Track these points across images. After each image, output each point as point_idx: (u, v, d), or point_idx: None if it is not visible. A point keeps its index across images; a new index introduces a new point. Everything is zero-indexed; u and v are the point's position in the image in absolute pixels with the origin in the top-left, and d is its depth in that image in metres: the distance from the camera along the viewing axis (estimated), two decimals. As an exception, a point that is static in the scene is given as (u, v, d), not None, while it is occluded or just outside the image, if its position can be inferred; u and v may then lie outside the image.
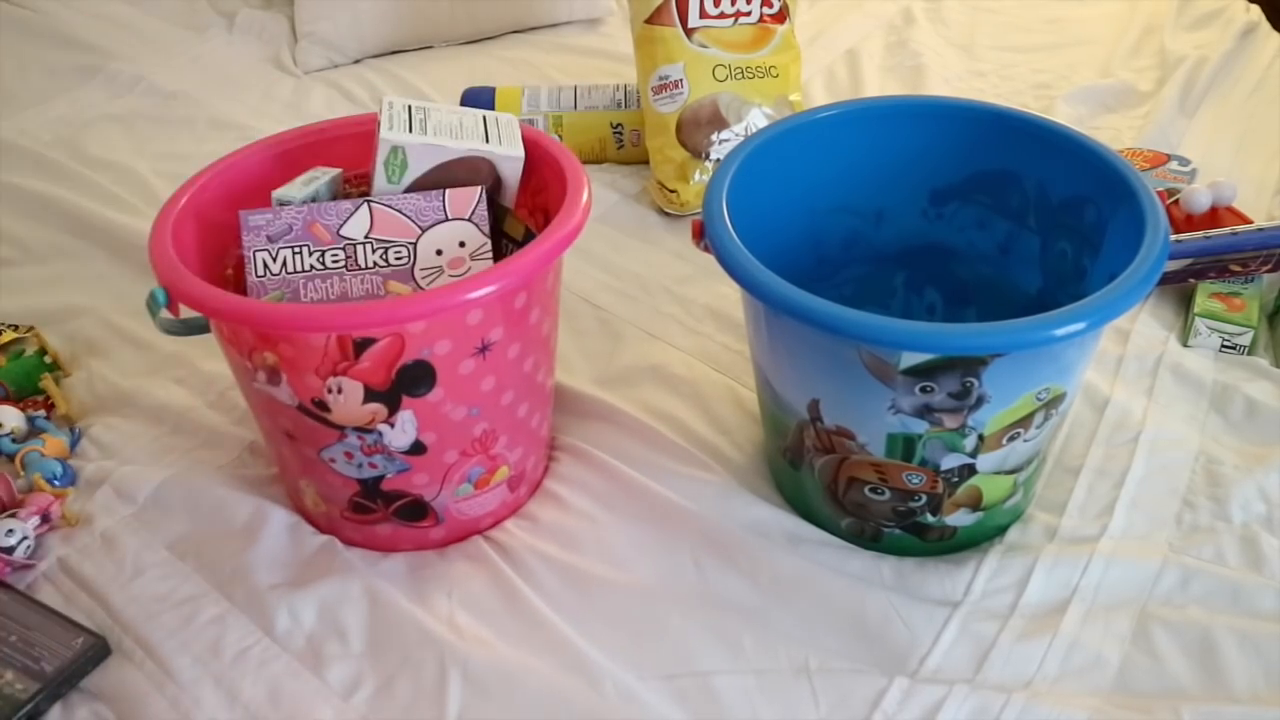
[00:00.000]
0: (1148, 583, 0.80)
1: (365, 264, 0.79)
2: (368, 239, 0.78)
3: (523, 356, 0.78)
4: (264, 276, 0.78)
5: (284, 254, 0.78)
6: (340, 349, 0.70)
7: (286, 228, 0.78)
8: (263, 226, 0.78)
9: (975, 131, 0.89)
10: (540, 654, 0.76)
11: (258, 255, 0.77)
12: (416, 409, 0.74)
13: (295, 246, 0.78)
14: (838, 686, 0.74)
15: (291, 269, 0.78)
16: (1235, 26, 1.55)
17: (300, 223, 0.78)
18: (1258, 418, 0.93)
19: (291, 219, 0.78)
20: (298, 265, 0.78)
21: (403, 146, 0.78)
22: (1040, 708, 0.71)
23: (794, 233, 0.90)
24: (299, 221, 0.78)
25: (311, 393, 0.73)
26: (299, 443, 0.78)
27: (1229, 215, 1.10)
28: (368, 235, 0.78)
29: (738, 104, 1.22)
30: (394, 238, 0.78)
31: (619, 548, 0.83)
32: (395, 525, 0.82)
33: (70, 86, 1.47)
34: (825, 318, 0.69)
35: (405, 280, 0.79)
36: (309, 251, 0.78)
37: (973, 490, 0.78)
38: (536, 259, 0.72)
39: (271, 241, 0.77)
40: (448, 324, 0.72)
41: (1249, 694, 0.72)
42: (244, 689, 0.74)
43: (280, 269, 0.77)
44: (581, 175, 0.81)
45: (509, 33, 1.62)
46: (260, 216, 0.78)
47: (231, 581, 0.81)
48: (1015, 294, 0.91)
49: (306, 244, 0.78)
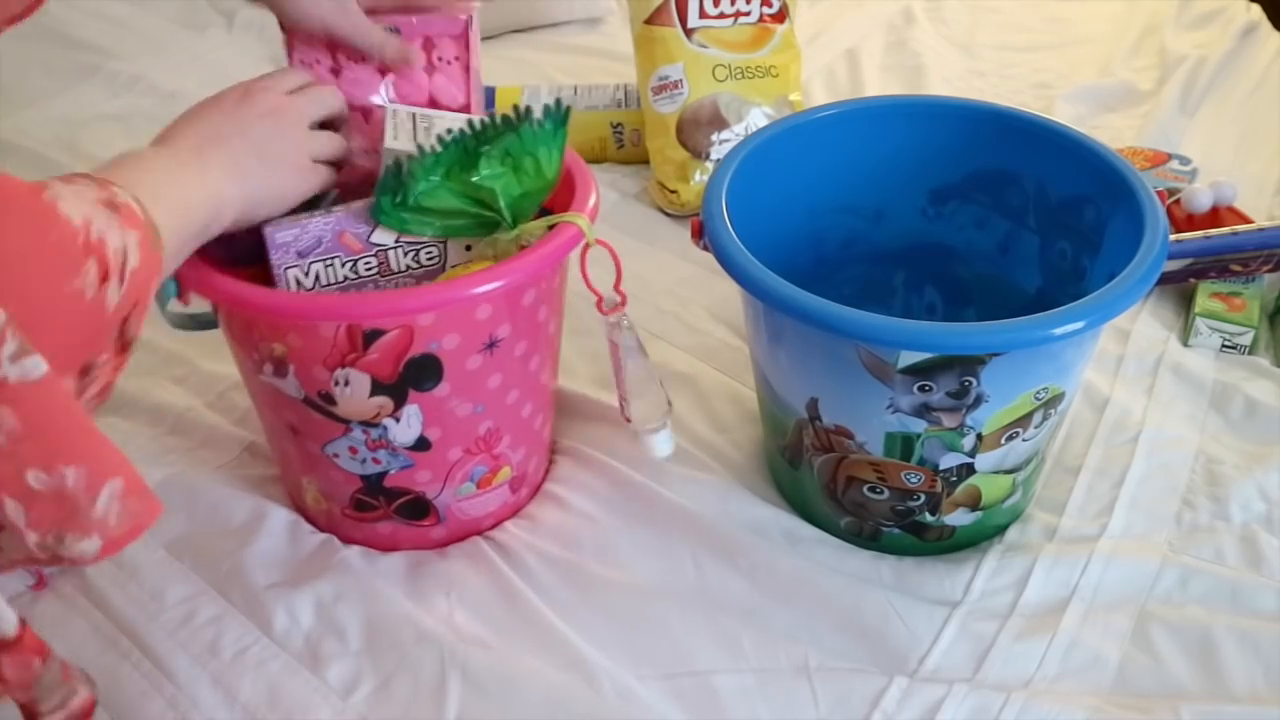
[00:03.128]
0: (1147, 582, 0.80)
1: (398, 268, 0.77)
2: (398, 243, 0.77)
3: (529, 355, 0.78)
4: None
5: (316, 268, 0.75)
6: (349, 340, 0.70)
7: (316, 241, 0.75)
8: (291, 242, 0.74)
9: (975, 131, 0.89)
10: (539, 653, 0.76)
11: (289, 272, 0.75)
12: (422, 404, 0.75)
13: (327, 259, 0.75)
14: (837, 686, 0.73)
15: (325, 282, 0.76)
16: (1236, 26, 1.55)
17: (330, 234, 0.75)
18: (1258, 417, 0.93)
19: (320, 231, 0.75)
20: (331, 278, 0.76)
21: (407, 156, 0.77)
22: (1040, 707, 0.71)
23: (794, 232, 0.90)
24: (328, 233, 0.75)
25: (318, 385, 0.73)
26: (303, 437, 0.78)
27: (1230, 215, 1.10)
28: (398, 240, 0.77)
29: (738, 104, 1.22)
30: (423, 238, 0.77)
31: (618, 547, 0.83)
32: (396, 524, 0.82)
33: (69, 86, 1.46)
34: (824, 317, 0.69)
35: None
36: (341, 263, 0.76)
37: (971, 489, 0.78)
38: (544, 256, 0.72)
39: (302, 257, 0.75)
40: (456, 318, 0.72)
41: (1248, 693, 0.72)
42: (242, 688, 0.74)
43: (314, 284, 0.76)
44: (589, 176, 0.81)
45: (509, 32, 1.62)
46: (287, 232, 0.74)
47: (229, 581, 0.81)
48: (1015, 293, 0.91)
49: (338, 255, 0.76)
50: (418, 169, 0.73)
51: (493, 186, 0.75)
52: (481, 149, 0.74)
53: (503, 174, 0.75)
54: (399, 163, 0.74)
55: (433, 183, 0.74)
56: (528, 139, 0.75)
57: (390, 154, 0.77)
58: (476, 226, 0.77)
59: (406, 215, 0.75)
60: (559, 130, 0.76)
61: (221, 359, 0.81)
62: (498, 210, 0.76)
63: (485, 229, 0.77)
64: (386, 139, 0.78)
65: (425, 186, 0.74)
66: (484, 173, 0.74)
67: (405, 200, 0.74)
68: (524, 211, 0.77)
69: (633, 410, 0.80)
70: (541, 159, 0.76)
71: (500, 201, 0.75)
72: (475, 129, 0.75)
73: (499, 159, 0.75)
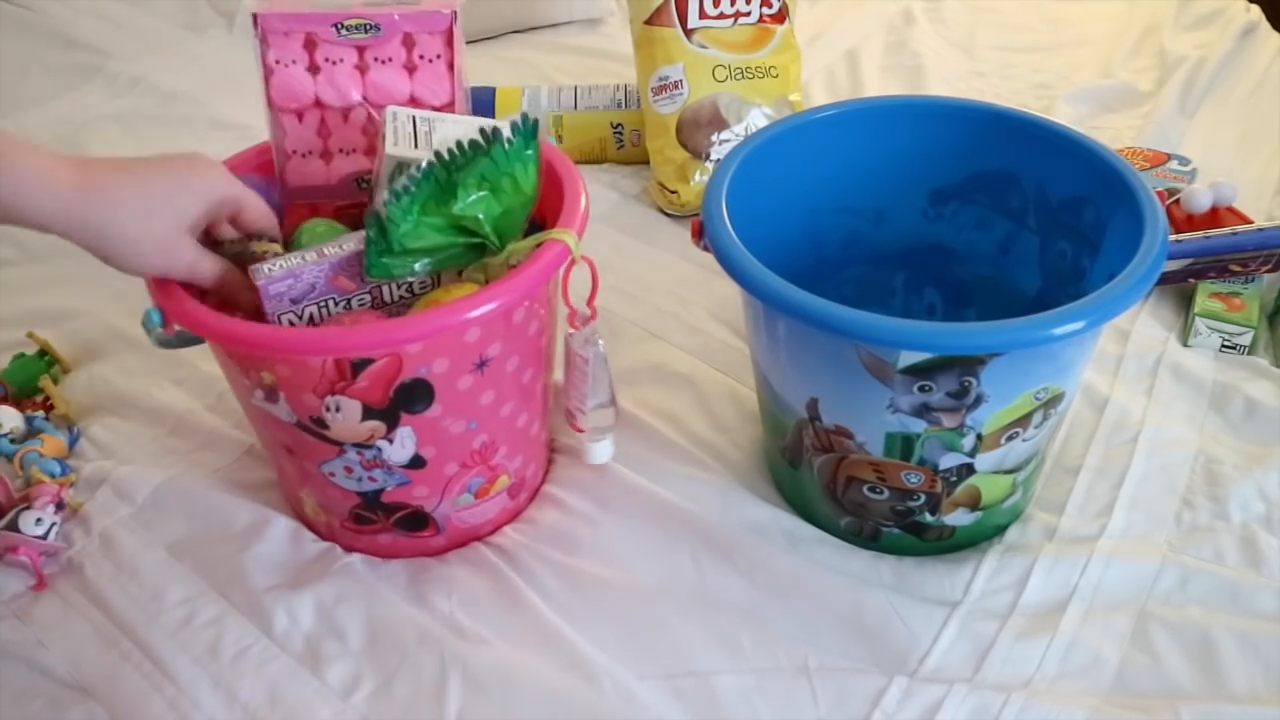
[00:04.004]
0: (1147, 582, 0.80)
1: (390, 299, 0.77)
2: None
3: (522, 369, 0.78)
4: None
5: (309, 310, 0.75)
6: (338, 369, 0.69)
7: (309, 287, 0.74)
8: (285, 292, 0.74)
9: (975, 131, 0.89)
10: (539, 654, 0.76)
11: (283, 318, 0.75)
12: (415, 425, 0.74)
13: (320, 301, 0.75)
14: (837, 686, 0.73)
15: (319, 320, 0.76)
16: (1235, 26, 1.55)
17: (323, 280, 0.74)
18: (1257, 417, 0.93)
19: (314, 278, 0.74)
20: (324, 316, 0.76)
21: (408, 162, 0.76)
22: (1039, 707, 0.71)
23: (794, 233, 0.90)
24: (321, 279, 0.74)
25: (309, 411, 0.72)
26: (298, 457, 0.78)
27: (1229, 215, 1.10)
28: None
29: (738, 104, 1.22)
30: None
31: (618, 548, 0.83)
32: (396, 535, 0.82)
33: (70, 86, 1.47)
34: (824, 317, 0.69)
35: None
36: (335, 302, 0.76)
37: (971, 490, 0.78)
38: (531, 276, 0.71)
39: (295, 303, 0.74)
40: (446, 342, 0.71)
41: (1248, 694, 0.72)
42: (242, 689, 0.74)
43: (308, 323, 0.75)
44: (579, 183, 0.79)
45: (509, 33, 1.62)
46: (280, 283, 0.73)
47: (230, 582, 0.81)
48: (1015, 294, 0.91)
49: (331, 296, 0.75)
50: (396, 212, 0.72)
51: (475, 213, 0.74)
52: (455, 177, 0.73)
53: (482, 199, 0.74)
54: (376, 213, 0.73)
55: (412, 222, 0.73)
56: (501, 160, 0.74)
57: (391, 160, 0.77)
58: (465, 253, 0.76)
59: (392, 261, 0.74)
60: (530, 144, 0.75)
61: (221, 360, 0.81)
62: (484, 235, 0.75)
63: (474, 254, 0.76)
64: (386, 145, 0.77)
65: (406, 228, 0.73)
66: (464, 201, 0.73)
67: (390, 247, 0.73)
68: (509, 229, 0.76)
69: (588, 421, 0.80)
70: (518, 176, 0.75)
71: (485, 226, 0.75)
72: (444, 159, 0.74)
73: (475, 184, 0.74)
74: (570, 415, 0.82)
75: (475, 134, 0.75)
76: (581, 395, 0.79)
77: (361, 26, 0.81)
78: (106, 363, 1.02)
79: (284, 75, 0.82)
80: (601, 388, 0.79)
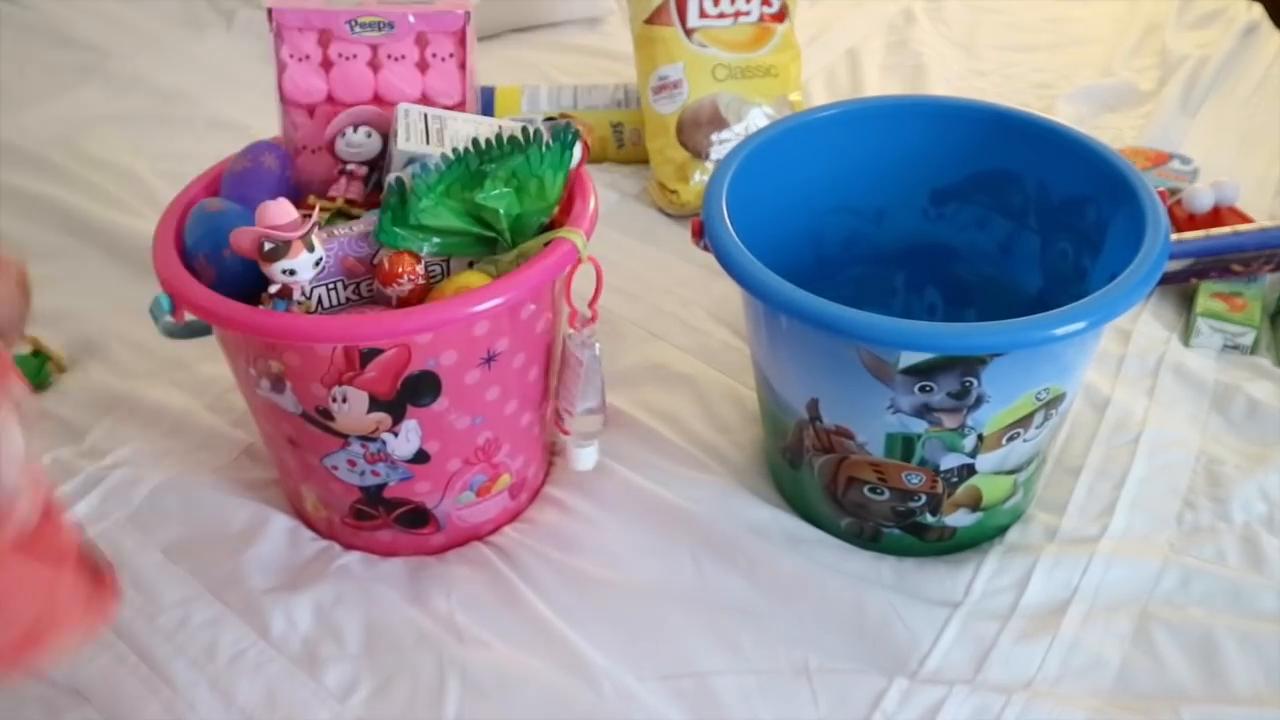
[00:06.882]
0: (1148, 583, 0.80)
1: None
2: None
3: (528, 366, 0.78)
4: None
5: (318, 293, 0.75)
6: (346, 359, 0.69)
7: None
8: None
9: (976, 131, 0.89)
10: (539, 655, 0.75)
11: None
12: (421, 418, 0.74)
13: (329, 284, 0.75)
14: (837, 687, 0.73)
15: (328, 305, 0.76)
16: (1237, 25, 1.55)
17: (332, 259, 0.74)
18: (1259, 418, 0.93)
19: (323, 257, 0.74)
20: (333, 300, 0.76)
21: (420, 159, 0.76)
22: (1040, 708, 0.71)
23: (794, 233, 0.90)
24: (330, 258, 0.74)
25: (316, 401, 0.73)
26: (301, 449, 0.78)
27: (1231, 215, 1.10)
28: None
29: (738, 104, 1.21)
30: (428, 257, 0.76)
31: (618, 548, 0.83)
32: (396, 532, 0.82)
33: (69, 86, 1.46)
34: (824, 317, 0.69)
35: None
36: (344, 286, 0.76)
37: (972, 490, 0.78)
38: (541, 272, 0.72)
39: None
40: (454, 335, 0.71)
41: (1249, 694, 0.72)
42: (240, 692, 0.74)
43: (316, 307, 0.75)
44: (588, 183, 0.80)
45: (509, 32, 1.62)
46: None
47: (227, 585, 0.80)
48: (1016, 294, 0.91)
49: (341, 279, 0.75)
50: (421, 186, 0.73)
51: (496, 207, 0.74)
52: (486, 168, 0.74)
53: (507, 194, 0.74)
54: (401, 181, 0.73)
55: (434, 199, 0.73)
56: (535, 161, 0.75)
57: (403, 156, 0.77)
58: (475, 244, 0.76)
59: (404, 232, 0.74)
60: (566, 154, 0.76)
61: (219, 360, 0.81)
62: (499, 230, 0.75)
63: (483, 247, 0.76)
64: (398, 141, 0.77)
65: (427, 203, 0.73)
66: (489, 192, 0.74)
67: (406, 218, 0.73)
68: (524, 230, 0.76)
69: (575, 424, 0.80)
70: (546, 181, 0.76)
71: (502, 222, 0.75)
72: (480, 148, 0.74)
73: (504, 179, 0.74)
74: (558, 416, 0.82)
75: (483, 131, 0.75)
76: (571, 397, 0.79)
77: (375, 24, 0.81)
78: (105, 363, 1.02)
79: (297, 70, 0.83)
80: (593, 392, 0.79)
